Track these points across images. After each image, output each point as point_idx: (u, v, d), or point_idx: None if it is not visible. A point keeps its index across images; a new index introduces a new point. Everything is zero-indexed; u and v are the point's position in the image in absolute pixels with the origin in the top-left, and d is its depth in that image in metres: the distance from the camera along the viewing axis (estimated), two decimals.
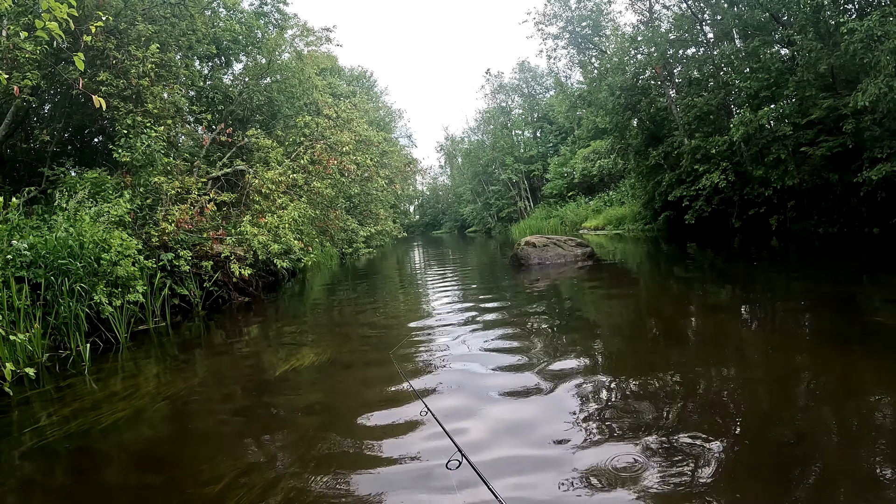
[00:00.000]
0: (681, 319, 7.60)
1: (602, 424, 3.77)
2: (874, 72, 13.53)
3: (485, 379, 5.03)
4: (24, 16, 9.45)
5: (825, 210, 17.30)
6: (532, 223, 42.03)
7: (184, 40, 11.97)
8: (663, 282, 11.68)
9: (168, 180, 10.50)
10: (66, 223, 7.90)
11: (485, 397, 4.51)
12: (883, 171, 13.87)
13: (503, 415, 4.15)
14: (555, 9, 30.00)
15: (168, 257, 9.57)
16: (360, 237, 21.42)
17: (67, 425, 4.59)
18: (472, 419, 4.06)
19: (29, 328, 6.72)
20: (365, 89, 43.35)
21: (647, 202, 26.43)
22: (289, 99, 15.99)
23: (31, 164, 11.74)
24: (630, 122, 25.58)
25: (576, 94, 32.02)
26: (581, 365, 5.22)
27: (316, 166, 12.97)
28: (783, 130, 17.29)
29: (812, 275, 10.43)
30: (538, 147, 56.05)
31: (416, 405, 4.42)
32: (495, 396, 4.49)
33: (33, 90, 10.29)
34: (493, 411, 4.21)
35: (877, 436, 3.41)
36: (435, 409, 4.19)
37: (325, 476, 3.38)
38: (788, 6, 17.11)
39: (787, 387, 4.45)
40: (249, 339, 8.31)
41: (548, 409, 4.20)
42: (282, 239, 10.81)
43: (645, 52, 23.66)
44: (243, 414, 4.82)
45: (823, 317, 6.94)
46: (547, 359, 5.52)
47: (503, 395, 4.52)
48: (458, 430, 3.75)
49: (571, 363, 5.33)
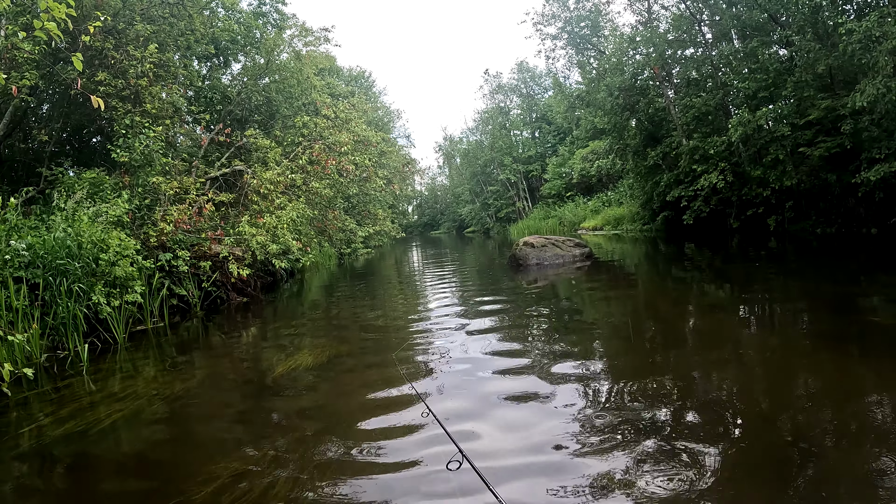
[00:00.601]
0: (679, 320, 7.60)
1: (602, 426, 3.75)
2: (872, 72, 13.55)
3: (485, 381, 5.01)
4: (23, 16, 9.44)
5: (823, 210, 17.32)
6: (530, 223, 42.09)
7: (182, 40, 11.96)
8: (661, 282, 11.69)
9: (166, 180, 10.50)
10: (64, 223, 7.89)
11: (485, 399, 4.50)
12: (881, 171, 13.89)
13: (503, 416, 4.12)
14: (553, 9, 29.96)
15: (166, 257, 9.57)
16: (359, 237, 21.44)
17: (65, 426, 4.58)
18: (473, 421, 4.04)
19: (27, 328, 6.71)
20: (363, 89, 43.32)
21: (646, 202, 26.47)
22: (287, 99, 15.98)
23: (30, 164, 11.72)
24: (628, 122, 25.62)
25: (574, 95, 32.02)
26: (580, 367, 5.22)
27: (314, 166, 12.97)
28: (781, 131, 17.31)
29: (810, 275, 10.44)
30: (536, 147, 56.11)
31: (415, 407, 4.42)
32: (495, 399, 4.47)
33: (31, 90, 10.27)
34: (493, 413, 4.19)
35: (875, 436, 3.41)
36: (435, 411, 4.19)
37: (323, 478, 3.37)
38: (787, 7, 17.13)
39: (786, 387, 4.45)
40: (248, 339, 8.30)
41: (548, 411, 4.19)
42: (280, 239, 10.81)
43: (643, 52, 23.69)
44: (241, 416, 4.81)
45: (822, 317, 6.94)
46: (547, 360, 5.52)
47: (503, 397, 4.49)
48: (458, 431, 3.75)
49: (571, 365, 5.32)
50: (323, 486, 3.28)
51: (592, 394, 4.46)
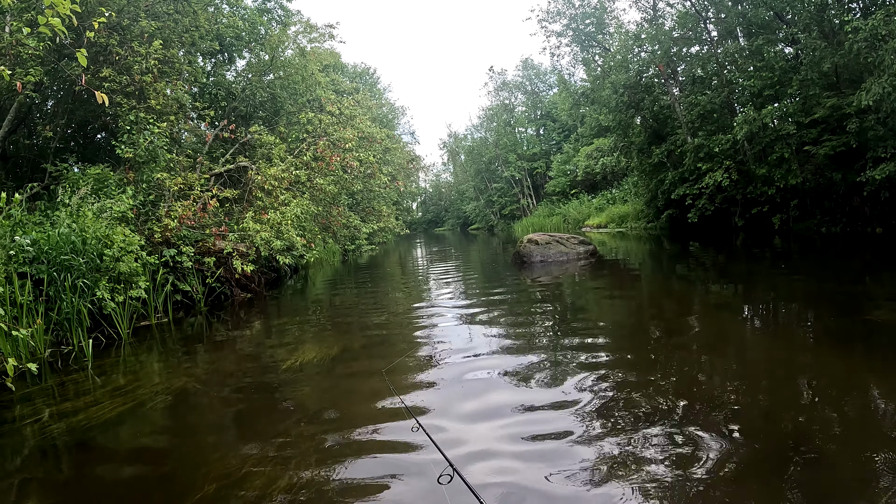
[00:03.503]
0: (683, 318, 7.58)
1: (600, 443, 3.61)
2: (878, 71, 13.52)
3: (488, 388, 4.93)
4: (27, 12, 9.45)
5: (828, 209, 17.28)
6: (535, 221, 42.08)
7: (187, 37, 11.97)
8: (665, 280, 11.66)
9: (171, 176, 10.52)
10: (68, 219, 7.91)
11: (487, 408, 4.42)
12: (886, 170, 13.85)
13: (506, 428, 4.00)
14: (558, 6, 29.88)
15: (170, 253, 9.59)
16: (363, 234, 21.44)
17: (69, 420, 4.60)
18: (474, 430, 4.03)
19: (31, 324, 6.74)
20: (368, 86, 43.39)
21: (650, 200, 26.42)
22: (292, 95, 16.00)
23: (34, 161, 11.74)
24: (633, 119, 25.58)
25: (579, 92, 31.96)
26: (584, 376, 5.05)
27: (319, 163, 12.98)
28: (786, 129, 17.27)
29: (815, 274, 10.41)
30: (541, 145, 56.05)
31: (414, 415, 4.43)
32: (499, 406, 4.38)
33: (36, 86, 10.29)
34: (494, 424, 4.11)
35: (878, 435, 3.41)
36: (432, 421, 4.21)
37: (325, 477, 3.39)
38: (792, 5, 17.09)
39: (789, 385, 4.45)
40: (251, 335, 8.31)
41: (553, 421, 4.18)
42: (284, 235, 10.82)
43: (648, 49, 23.65)
44: (244, 412, 4.82)
45: (826, 316, 6.92)
46: (550, 364, 5.46)
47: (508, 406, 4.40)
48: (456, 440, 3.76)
49: (574, 366, 5.31)
50: (321, 485, 3.29)
51: (593, 407, 4.32)
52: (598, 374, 4.90)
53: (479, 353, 5.96)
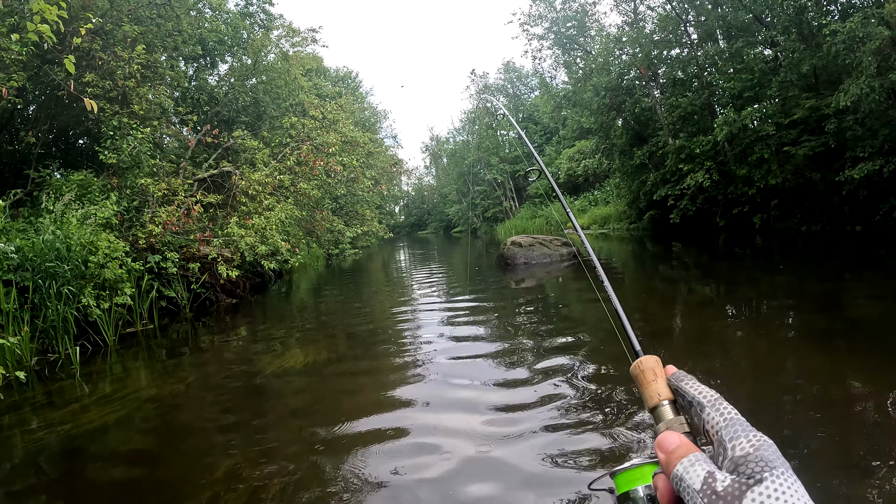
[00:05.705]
0: (666, 318, 7.66)
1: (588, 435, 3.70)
2: (856, 72, 13.74)
3: (472, 387, 4.99)
4: (11, 17, 9.36)
5: (808, 208, 17.52)
6: (517, 223, 42.18)
7: (169, 41, 11.91)
8: (648, 280, 11.77)
9: (154, 182, 10.46)
10: (52, 225, 7.85)
11: (472, 407, 4.48)
12: (864, 169, 14.08)
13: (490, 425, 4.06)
14: (540, 9, 30.12)
15: (155, 259, 9.54)
16: (347, 238, 21.45)
17: (57, 428, 4.58)
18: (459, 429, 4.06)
19: (17, 332, 6.68)
20: (350, 90, 43.29)
21: (632, 202, 26.63)
22: (275, 100, 15.96)
23: (17, 166, 11.63)
24: (615, 122, 25.80)
25: (561, 95, 32.18)
26: (569, 373, 5.17)
27: (302, 167, 12.98)
28: (766, 130, 17.51)
29: (795, 272, 10.55)
30: (523, 147, 56.07)
31: (401, 411, 4.47)
32: (482, 406, 4.45)
33: (19, 91, 10.19)
34: (480, 419, 4.17)
35: (860, 429, 3.49)
36: (420, 420, 4.24)
37: (312, 480, 3.41)
38: (772, 7, 17.33)
39: (772, 382, 4.53)
40: (237, 341, 8.28)
41: (535, 416, 4.22)
42: (269, 240, 10.80)
43: (629, 52, 23.86)
44: (231, 417, 4.82)
45: (807, 313, 7.03)
46: (533, 362, 5.53)
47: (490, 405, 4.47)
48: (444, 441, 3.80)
49: (558, 370, 5.35)
50: (312, 487, 3.31)
51: (579, 403, 4.43)
52: (580, 372, 4.96)
53: (462, 354, 6.01)
